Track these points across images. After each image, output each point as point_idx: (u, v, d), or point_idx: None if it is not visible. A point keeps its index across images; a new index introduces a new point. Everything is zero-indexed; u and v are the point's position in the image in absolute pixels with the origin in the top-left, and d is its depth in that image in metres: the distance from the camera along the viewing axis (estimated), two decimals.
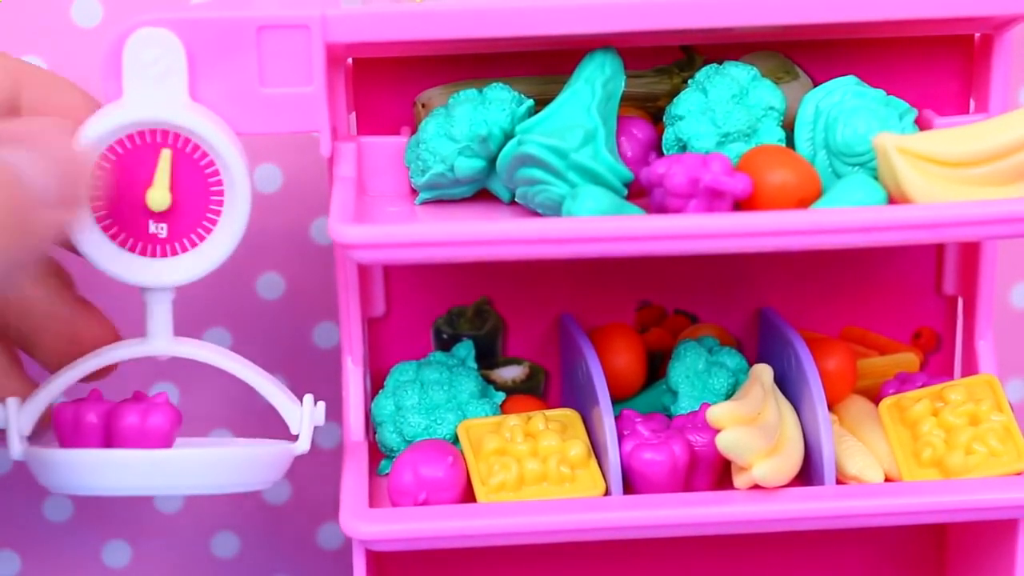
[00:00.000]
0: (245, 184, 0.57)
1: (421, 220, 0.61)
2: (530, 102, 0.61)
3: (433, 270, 0.66)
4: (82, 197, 0.56)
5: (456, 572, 0.69)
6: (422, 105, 0.64)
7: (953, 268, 0.67)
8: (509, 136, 0.60)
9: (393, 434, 0.63)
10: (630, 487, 0.60)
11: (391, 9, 0.58)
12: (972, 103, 0.65)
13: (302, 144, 0.71)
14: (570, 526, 0.58)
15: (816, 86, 0.62)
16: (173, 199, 0.57)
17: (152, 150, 0.57)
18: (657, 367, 0.67)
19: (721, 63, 0.62)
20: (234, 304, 0.74)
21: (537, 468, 0.60)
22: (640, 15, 0.58)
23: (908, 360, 0.68)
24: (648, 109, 0.64)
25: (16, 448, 0.58)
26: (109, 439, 0.58)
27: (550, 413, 0.63)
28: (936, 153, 0.57)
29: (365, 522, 0.58)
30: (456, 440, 0.62)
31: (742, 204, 0.58)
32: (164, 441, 0.58)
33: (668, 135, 0.62)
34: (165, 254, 0.58)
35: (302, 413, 0.60)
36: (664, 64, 0.64)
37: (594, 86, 0.60)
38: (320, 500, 0.75)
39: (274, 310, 0.74)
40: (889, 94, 0.61)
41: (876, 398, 0.64)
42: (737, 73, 0.61)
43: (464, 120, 0.61)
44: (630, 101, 0.63)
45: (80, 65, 0.71)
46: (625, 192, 0.59)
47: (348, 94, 0.63)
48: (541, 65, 0.64)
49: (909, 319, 0.68)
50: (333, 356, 0.72)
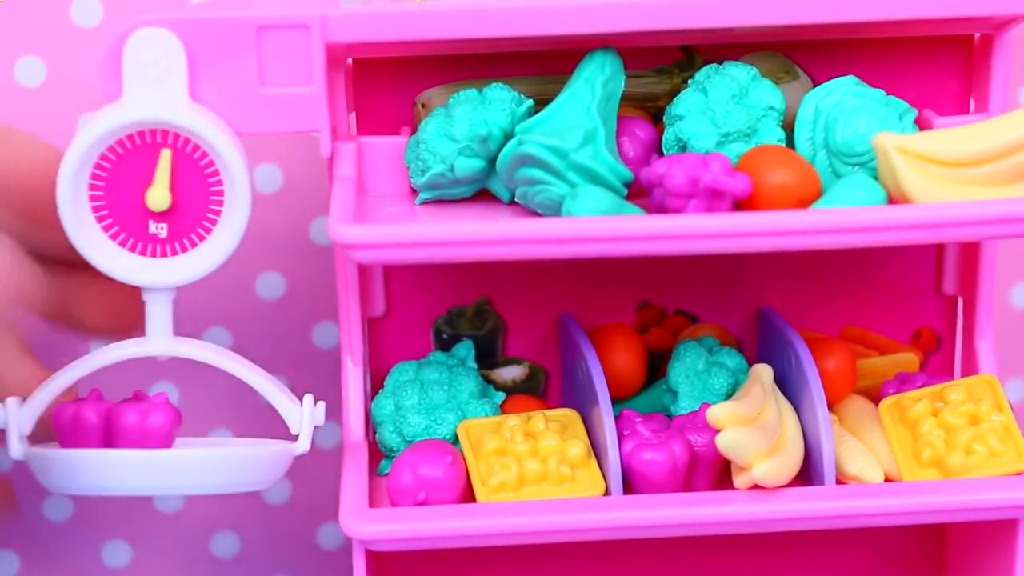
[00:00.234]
0: (245, 184, 0.57)
1: (421, 220, 0.61)
2: (530, 102, 0.61)
3: (433, 270, 0.66)
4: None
5: (456, 572, 0.69)
6: (422, 105, 0.64)
7: (953, 268, 0.67)
8: (509, 136, 0.60)
9: (393, 434, 0.63)
10: (630, 487, 0.60)
11: (391, 9, 0.58)
12: (972, 103, 0.65)
13: (302, 144, 0.71)
14: (570, 526, 0.58)
15: (816, 86, 0.62)
16: (173, 199, 0.57)
17: (152, 150, 0.57)
18: (657, 367, 0.67)
19: (721, 63, 0.62)
20: (234, 304, 0.74)
21: (537, 468, 0.60)
22: (640, 15, 0.58)
23: (908, 360, 0.68)
24: (648, 109, 0.64)
25: (16, 448, 0.58)
26: (109, 439, 0.58)
27: (550, 413, 0.63)
28: (936, 153, 0.57)
29: (365, 522, 0.58)
30: (456, 440, 0.62)
31: (742, 204, 0.58)
32: (164, 441, 0.58)
33: (668, 135, 0.62)
34: (165, 254, 0.58)
35: (302, 413, 0.60)
36: (664, 64, 0.64)
37: (594, 86, 0.60)
38: (320, 500, 0.75)
39: (274, 310, 0.74)
40: (889, 94, 0.61)
41: (876, 398, 0.64)
42: (737, 73, 0.61)
43: (464, 120, 0.61)
44: (630, 101, 0.63)
45: (80, 65, 0.71)
46: (625, 192, 0.59)
47: (348, 94, 0.63)
48: (541, 65, 0.64)
49: (909, 319, 0.68)
50: (333, 356, 0.72)
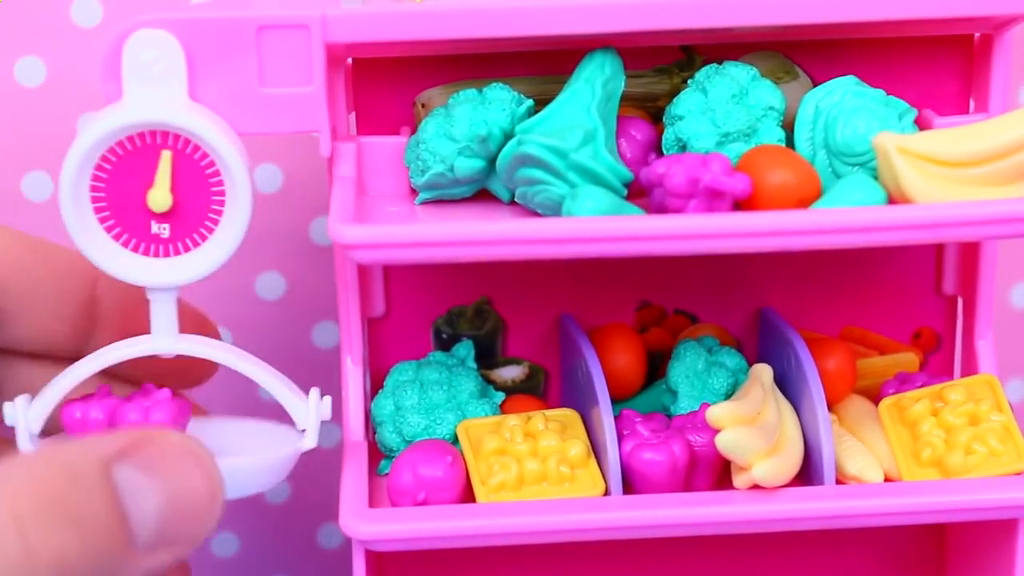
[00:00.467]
0: (246, 183, 0.57)
1: (421, 220, 0.61)
2: (530, 102, 0.61)
3: (433, 270, 0.66)
4: (194, 537, 0.51)
5: (456, 572, 0.69)
6: (422, 105, 0.64)
7: (953, 268, 0.67)
8: (509, 136, 0.60)
9: (393, 434, 0.63)
10: (630, 487, 0.60)
11: (391, 9, 0.58)
12: (972, 103, 0.65)
13: (302, 144, 0.71)
14: (570, 526, 0.58)
15: (816, 86, 0.62)
16: (175, 199, 0.57)
17: (153, 151, 0.57)
18: (657, 367, 0.67)
19: (721, 63, 0.62)
20: (234, 304, 0.74)
21: (537, 468, 0.60)
22: (640, 15, 0.58)
23: (908, 360, 0.68)
24: (648, 109, 0.64)
25: (27, 448, 0.58)
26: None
27: (550, 413, 0.63)
28: (936, 153, 0.57)
29: (365, 522, 0.58)
30: (456, 440, 0.62)
31: (742, 204, 0.58)
32: None
33: (668, 135, 0.62)
34: (168, 254, 0.58)
35: (308, 408, 0.60)
36: (664, 64, 0.64)
37: (594, 86, 0.60)
38: (320, 500, 0.75)
39: (274, 310, 0.74)
40: (889, 94, 0.61)
41: (876, 398, 0.64)
42: (737, 73, 0.61)
43: (464, 120, 0.61)
44: (630, 101, 0.63)
45: (80, 65, 0.71)
46: (625, 192, 0.59)
47: (348, 94, 0.63)
48: (541, 65, 0.64)
49: (909, 319, 0.68)
50: (333, 356, 0.72)
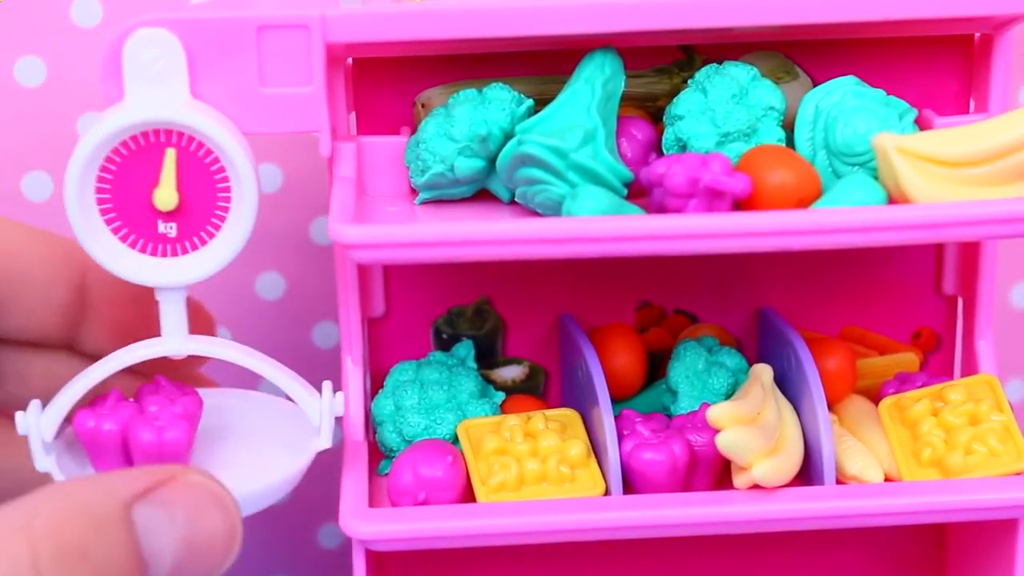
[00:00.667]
0: (251, 179, 0.57)
1: (421, 220, 0.61)
2: (530, 102, 0.61)
3: (433, 270, 0.66)
4: (210, 574, 0.51)
5: (456, 572, 0.69)
6: (422, 105, 0.64)
7: (953, 268, 0.67)
8: (509, 136, 0.60)
9: (393, 434, 0.63)
10: (630, 487, 0.60)
11: (391, 9, 0.58)
12: (972, 103, 0.65)
13: (302, 144, 0.71)
14: (570, 526, 0.58)
15: (816, 86, 0.62)
16: (180, 198, 0.57)
17: (157, 150, 0.57)
18: (657, 367, 0.67)
19: (721, 63, 0.62)
20: (234, 304, 0.74)
21: (537, 468, 0.60)
22: (640, 15, 0.58)
23: (908, 360, 0.68)
24: (648, 109, 0.64)
25: (41, 459, 0.57)
26: (128, 452, 0.58)
27: (550, 413, 0.63)
28: (936, 153, 0.57)
29: (365, 522, 0.58)
30: (456, 440, 0.62)
31: (742, 204, 0.58)
32: (182, 455, 0.58)
33: (668, 135, 0.62)
34: (175, 253, 0.58)
35: (321, 405, 0.59)
36: (664, 64, 0.64)
37: (594, 86, 0.60)
38: (320, 500, 0.75)
39: (274, 310, 0.74)
40: (889, 94, 0.61)
41: (876, 398, 0.64)
42: (737, 73, 0.61)
43: (464, 120, 0.61)
44: (630, 101, 0.63)
45: (80, 65, 0.71)
46: (625, 192, 0.59)
47: (348, 94, 0.63)
48: (541, 65, 0.64)
49: (909, 319, 0.68)
50: (333, 356, 0.72)
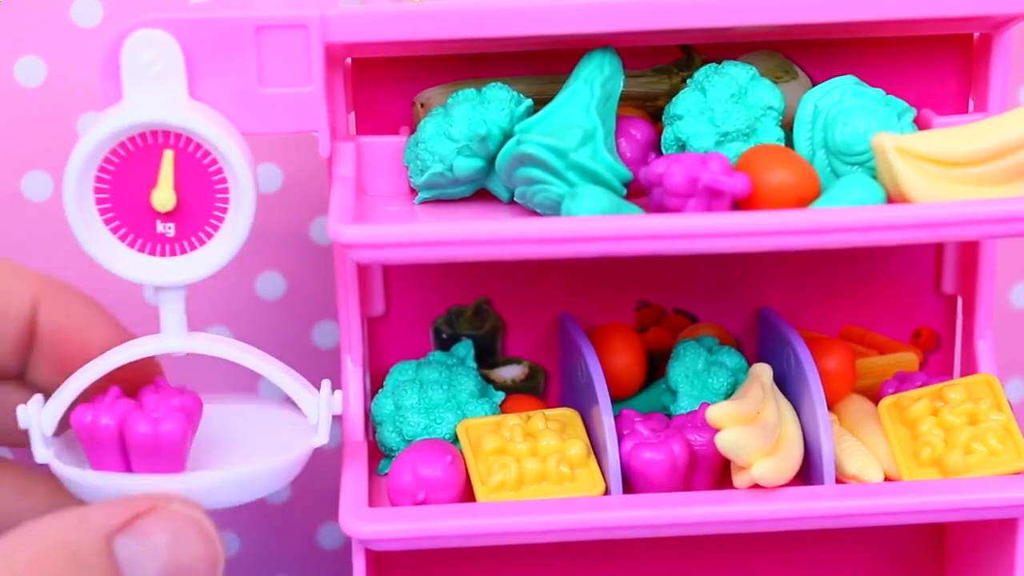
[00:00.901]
0: (248, 180, 0.57)
1: (420, 220, 0.61)
2: (529, 102, 0.61)
3: (432, 270, 0.66)
4: None
5: (456, 572, 0.69)
6: (421, 105, 0.64)
7: (952, 267, 0.67)
8: (508, 136, 0.60)
9: (392, 434, 0.63)
10: (629, 486, 0.60)
11: (390, 9, 0.58)
12: (971, 102, 0.65)
13: (302, 144, 0.71)
14: (570, 526, 0.58)
15: (815, 85, 0.62)
16: (179, 198, 0.57)
17: (155, 151, 0.57)
18: (656, 367, 0.67)
19: (720, 63, 0.62)
20: (234, 303, 0.74)
21: (536, 467, 0.60)
22: (639, 15, 0.58)
23: (907, 359, 0.68)
24: (647, 109, 0.64)
25: (41, 451, 0.58)
26: (125, 444, 0.58)
27: (550, 413, 0.63)
28: (935, 153, 0.57)
29: (365, 522, 0.58)
30: (455, 440, 0.62)
31: (741, 204, 0.58)
32: (178, 448, 0.57)
33: (667, 135, 0.62)
34: (174, 253, 0.58)
35: (319, 402, 0.59)
36: (663, 64, 0.64)
37: (593, 86, 0.60)
38: (320, 500, 0.75)
39: (274, 310, 0.74)
40: (888, 93, 0.61)
41: (875, 397, 0.64)
42: (736, 73, 0.61)
43: (463, 120, 0.61)
44: (629, 101, 0.63)
45: (80, 65, 0.71)
46: (624, 192, 0.59)
47: (347, 94, 0.63)
48: (540, 65, 0.64)
49: (908, 318, 0.68)
50: (333, 356, 0.72)
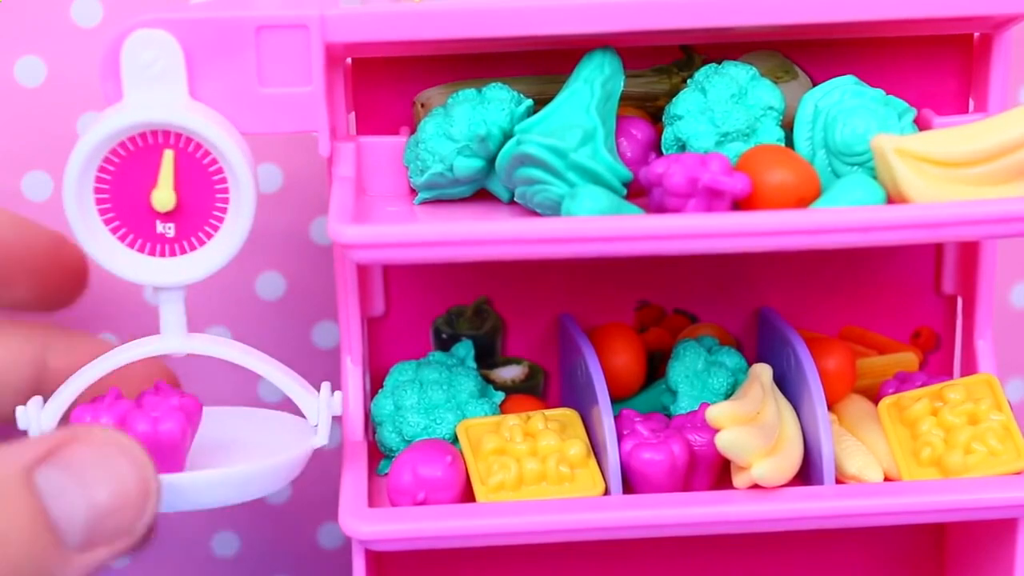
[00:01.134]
0: (249, 180, 0.57)
1: (420, 220, 0.61)
2: (529, 102, 0.61)
3: (432, 270, 0.66)
4: (130, 530, 0.51)
5: (455, 572, 0.69)
6: (421, 105, 0.64)
7: (952, 267, 0.67)
8: (508, 136, 0.60)
9: (392, 434, 0.63)
10: (629, 487, 0.60)
11: (390, 9, 0.58)
12: (971, 102, 0.65)
13: (302, 144, 0.71)
14: (569, 526, 0.58)
15: (815, 86, 0.62)
16: (179, 198, 0.57)
17: (155, 151, 0.57)
18: (656, 367, 0.67)
19: (720, 63, 0.62)
20: (234, 303, 0.74)
21: (536, 468, 0.60)
22: (639, 15, 0.58)
23: (907, 360, 0.68)
24: (647, 109, 0.64)
25: None
26: None
27: (549, 413, 0.63)
28: (934, 154, 0.57)
29: (364, 522, 0.58)
30: (455, 440, 0.62)
31: (741, 204, 0.58)
32: (177, 447, 0.57)
33: (667, 135, 0.62)
34: (174, 253, 0.58)
35: (319, 404, 0.59)
36: (663, 64, 0.64)
37: (593, 86, 0.60)
38: (320, 500, 0.75)
39: (274, 310, 0.74)
40: (888, 93, 0.61)
41: (875, 397, 0.64)
42: (736, 73, 0.61)
43: (463, 120, 0.61)
44: (629, 101, 0.63)
45: (80, 65, 0.71)
46: (624, 192, 0.59)
47: (347, 94, 0.63)
48: (540, 65, 0.64)
49: (908, 318, 0.68)
50: (332, 356, 0.72)
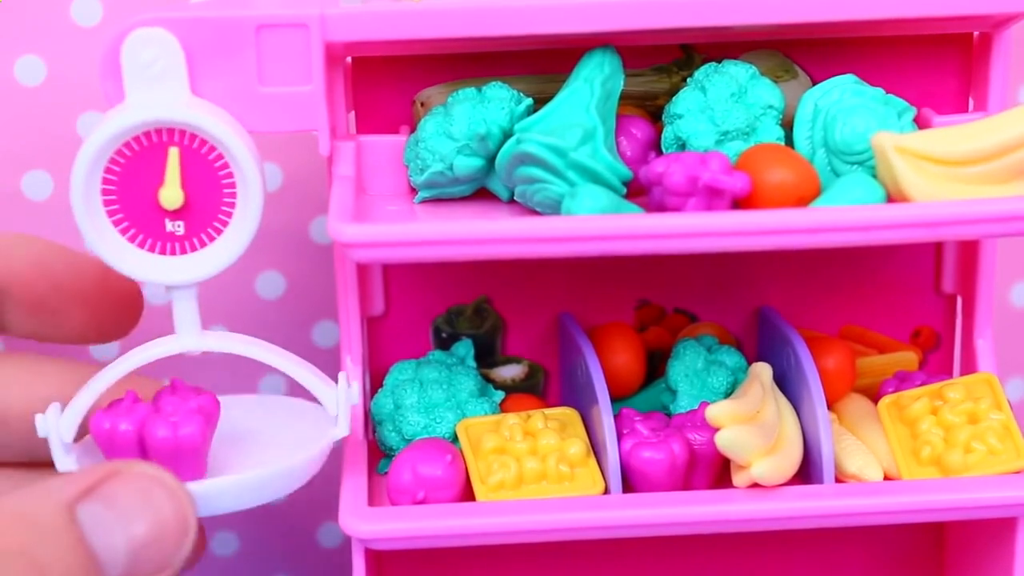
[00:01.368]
0: (255, 173, 0.57)
1: (420, 219, 0.61)
2: (529, 101, 0.61)
3: (432, 269, 0.66)
4: (169, 564, 0.53)
5: (455, 571, 0.69)
6: (421, 104, 0.64)
7: (952, 267, 0.67)
8: (508, 135, 0.60)
9: (392, 433, 0.63)
10: (629, 486, 0.60)
11: (390, 8, 0.58)
12: (971, 101, 0.65)
13: (302, 143, 0.71)
14: (569, 525, 0.59)
15: (815, 84, 0.62)
16: (187, 196, 0.57)
17: (160, 150, 0.57)
18: (656, 366, 0.67)
19: (720, 62, 0.62)
20: (234, 303, 0.74)
21: (536, 467, 0.60)
22: (639, 14, 0.58)
23: (907, 359, 0.68)
24: (647, 108, 0.64)
25: (61, 459, 0.57)
26: (144, 449, 0.58)
27: (549, 412, 0.63)
28: (934, 152, 0.57)
29: (364, 521, 0.58)
30: (455, 439, 0.62)
31: (741, 203, 0.58)
32: (198, 450, 0.57)
33: (667, 134, 0.62)
34: (184, 251, 0.58)
35: (338, 394, 0.59)
36: (663, 63, 0.64)
37: (593, 85, 0.60)
38: (320, 499, 0.75)
39: (274, 309, 0.74)
40: (888, 92, 0.61)
41: (875, 397, 0.64)
42: (736, 72, 0.61)
43: (463, 119, 0.61)
44: (629, 100, 0.63)
45: (80, 65, 0.71)
46: (624, 191, 0.59)
47: (347, 93, 0.63)
48: (540, 64, 0.64)
49: (908, 318, 0.68)
50: (333, 355, 0.72)
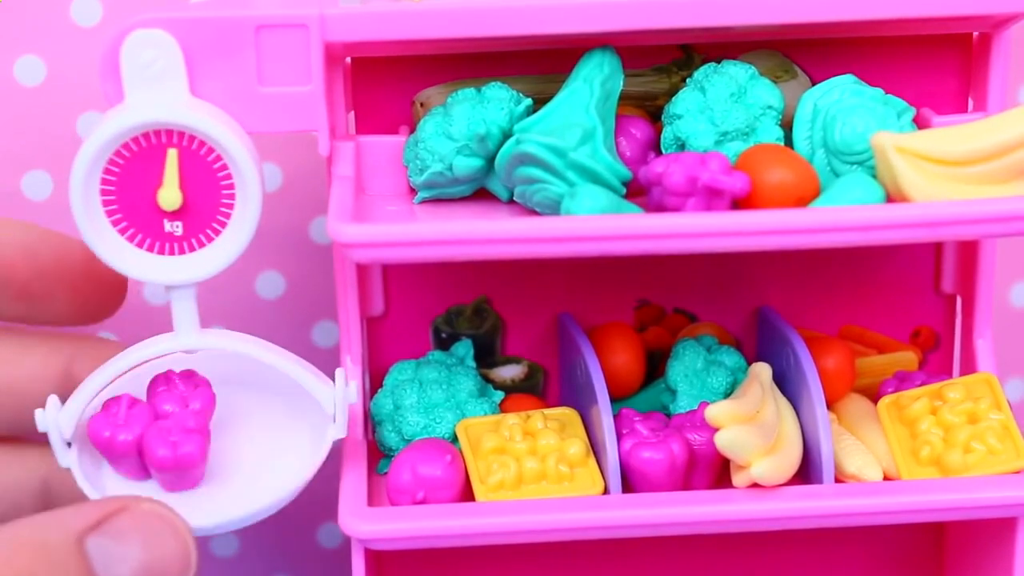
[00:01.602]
0: (254, 174, 0.57)
1: (419, 219, 0.61)
2: (528, 101, 0.61)
3: (432, 269, 0.66)
4: None
5: (455, 571, 0.69)
6: (420, 104, 0.64)
7: (952, 267, 0.67)
8: (507, 135, 0.60)
9: (392, 433, 0.63)
10: (629, 486, 0.60)
11: (389, 8, 0.58)
12: (970, 102, 0.65)
13: (301, 143, 0.71)
14: (569, 525, 0.59)
15: (814, 85, 0.62)
16: (185, 196, 0.57)
17: (159, 151, 0.57)
18: (656, 366, 0.67)
19: (719, 62, 0.62)
20: (233, 303, 0.74)
21: (536, 467, 0.60)
22: (639, 14, 0.58)
23: (907, 359, 0.68)
24: (647, 108, 0.64)
25: (63, 455, 0.58)
26: (143, 455, 0.58)
27: (549, 412, 0.63)
28: (934, 152, 0.57)
29: (364, 521, 0.58)
30: (455, 439, 0.62)
31: (740, 203, 0.58)
32: (197, 466, 0.58)
33: (666, 134, 0.62)
34: (183, 251, 0.58)
35: (335, 394, 0.59)
36: (663, 63, 0.64)
37: (592, 85, 0.60)
38: (320, 499, 0.75)
39: (273, 309, 0.74)
40: (887, 93, 0.61)
41: (875, 397, 0.64)
42: (735, 72, 0.61)
43: (462, 119, 0.61)
44: (628, 100, 0.63)
45: (80, 65, 0.71)
46: (623, 191, 0.59)
47: (347, 93, 0.63)
48: (539, 64, 0.64)
49: (908, 318, 0.68)
50: (332, 355, 0.72)
